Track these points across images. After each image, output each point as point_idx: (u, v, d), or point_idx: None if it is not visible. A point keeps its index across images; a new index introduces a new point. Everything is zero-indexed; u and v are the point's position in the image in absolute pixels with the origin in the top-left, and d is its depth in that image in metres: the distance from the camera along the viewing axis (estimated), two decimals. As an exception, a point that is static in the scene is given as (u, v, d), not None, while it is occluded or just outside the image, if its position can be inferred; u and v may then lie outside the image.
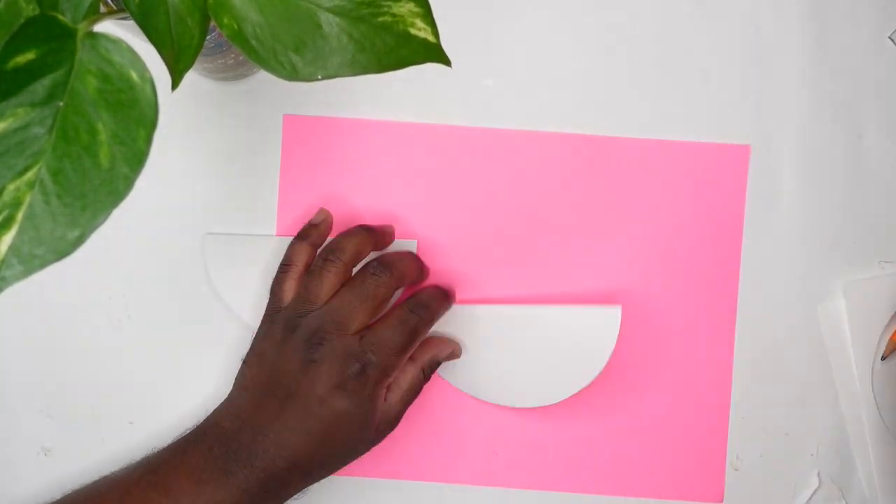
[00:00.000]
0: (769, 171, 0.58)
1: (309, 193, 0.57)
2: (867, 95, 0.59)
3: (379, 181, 0.58)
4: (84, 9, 0.34)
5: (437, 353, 0.54)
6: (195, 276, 0.57)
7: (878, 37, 0.59)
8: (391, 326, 0.50)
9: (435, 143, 0.58)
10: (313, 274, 0.52)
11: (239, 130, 0.58)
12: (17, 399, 0.57)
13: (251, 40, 0.34)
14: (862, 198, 0.59)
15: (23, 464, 0.57)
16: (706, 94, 0.58)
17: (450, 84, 0.58)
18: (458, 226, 0.58)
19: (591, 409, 0.58)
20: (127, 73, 0.33)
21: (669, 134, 0.58)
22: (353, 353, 0.49)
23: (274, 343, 0.51)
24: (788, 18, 0.58)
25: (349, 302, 0.50)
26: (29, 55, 0.32)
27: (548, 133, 0.58)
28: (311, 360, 0.49)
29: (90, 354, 0.57)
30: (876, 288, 0.58)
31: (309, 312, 0.50)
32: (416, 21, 0.35)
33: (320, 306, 0.50)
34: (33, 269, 0.32)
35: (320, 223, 0.55)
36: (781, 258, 0.59)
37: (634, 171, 0.58)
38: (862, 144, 0.59)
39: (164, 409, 0.57)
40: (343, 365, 0.49)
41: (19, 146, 0.32)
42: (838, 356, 0.58)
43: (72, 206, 0.32)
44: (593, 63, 0.58)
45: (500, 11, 0.58)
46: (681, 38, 0.58)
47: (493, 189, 0.58)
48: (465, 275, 0.58)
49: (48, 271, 0.32)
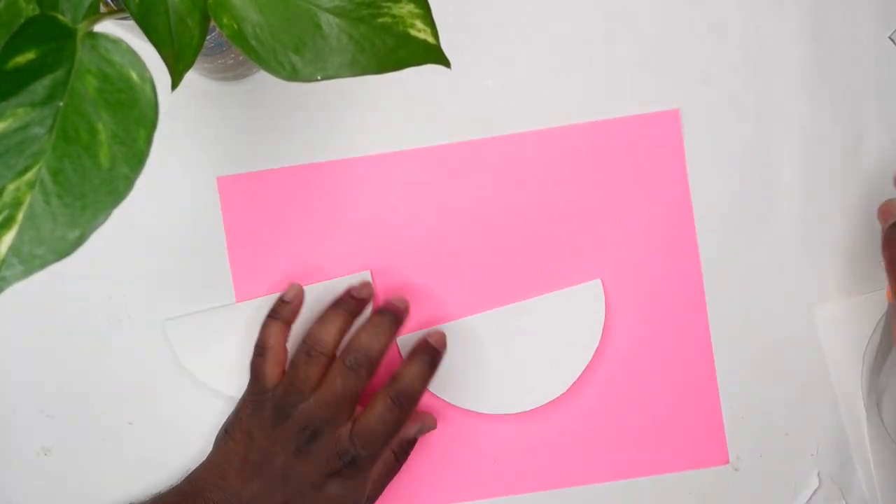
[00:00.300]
0: (769, 169, 0.59)
1: (260, 250, 0.57)
2: (867, 95, 0.59)
3: (324, 219, 0.58)
4: (84, 9, 0.34)
5: (406, 433, 0.56)
6: (195, 277, 0.57)
7: (878, 37, 0.59)
8: (379, 419, 0.52)
9: (367, 172, 0.58)
10: (298, 366, 0.53)
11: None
12: (17, 399, 0.57)
13: (251, 40, 0.34)
14: (862, 198, 0.59)
15: (23, 464, 0.57)
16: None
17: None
18: (412, 247, 0.58)
19: (585, 400, 0.58)
20: (127, 73, 0.33)
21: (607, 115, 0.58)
22: (344, 446, 0.51)
23: (263, 426, 0.53)
24: (788, 19, 0.59)
25: (337, 395, 0.52)
26: (29, 55, 0.32)
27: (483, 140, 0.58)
28: (305, 451, 0.51)
29: (90, 354, 0.57)
30: (868, 291, 0.58)
31: (299, 402, 0.52)
32: (416, 22, 0.35)
33: (308, 395, 0.52)
34: (33, 269, 0.32)
35: (292, 299, 0.55)
36: (781, 259, 0.59)
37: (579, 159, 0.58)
38: (862, 144, 0.59)
39: (163, 409, 0.57)
40: (336, 456, 0.51)
41: (19, 146, 0.32)
42: (837, 357, 0.58)
43: (72, 206, 0.32)
44: (593, 61, 0.58)
45: (499, 12, 0.58)
46: (681, 39, 0.58)
47: (441, 203, 0.58)
48: (431, 295, 0.58)
49: (48, 271, 0.32)
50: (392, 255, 0.58)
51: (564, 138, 0.58)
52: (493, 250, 0.58)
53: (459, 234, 0.58)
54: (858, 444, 0.58)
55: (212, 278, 0.57)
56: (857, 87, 0.59)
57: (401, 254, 0.58)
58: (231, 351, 0.57)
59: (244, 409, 0.54)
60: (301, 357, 0.54)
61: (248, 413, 0.54)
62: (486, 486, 0.58)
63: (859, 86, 0.59)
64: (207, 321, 0.57)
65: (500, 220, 0.58)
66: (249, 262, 0.57)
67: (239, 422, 0.54)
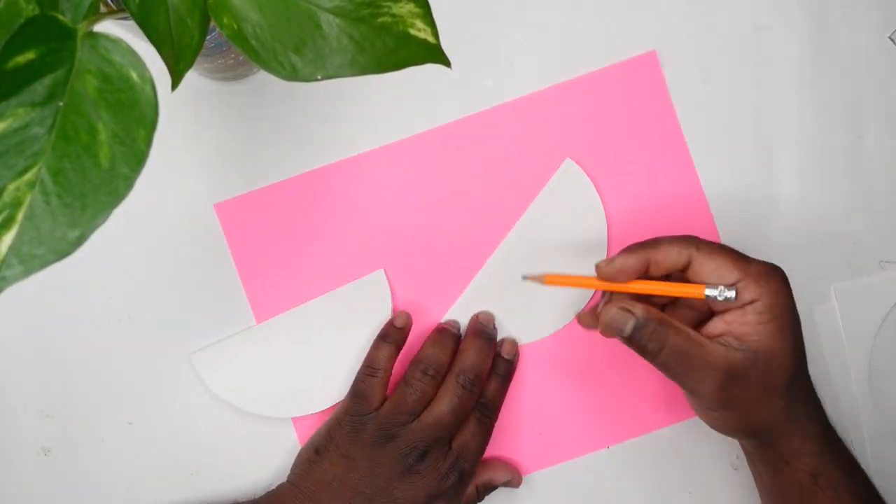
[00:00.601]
0: (769, 169, 0.59)
1: (269, 268, 0.57)
2: (867, 95, 0.59)
3: (328, 225, 0.58)
4: (84, 9, 0.34)
5: (494, 478, 0.56)
6: (194, 277, 0.57)
7: (878, 37, 0.59)
8: (476, 435, 0.54)
9: (364, 171, 0.58)
10: (413, 384, 0.54)
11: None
12: (17, 399, 0.57)
13: (251, 40, 0.34)
14: (862, 198, 0.59)
15: (23, 464, 0.57)
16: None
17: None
18: (420, 237, 0.58)
19: (584, 362, 0.58)
20: (127, 73, 0.33)
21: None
22: (452, 465, 0.53)
23: (364, 446, 0.53)
24: (788, 19, 0.59)
25: (447, 417, 0.53)
26: (29, 55, 0.32)
27: (471, 116, 0.58)
28: (413, 471, 0.53)
29: (90, 354, 0.57)
30: (868, 290, 0.58)
31: (406, 423, 0.53)
32: (416, 22, 0.35)
33: (416, 416, 0.53)
34: (33, 269, 0.32)
35: (403, 325, 0.56)
36: (780, 259, 0.58)
37: (570, 117, 0.58)
38: (862, 144, 0.59)
39: (163, 410, 0.57)
40: (445, 476, 0.53)
41: (19, 146, 0.32)
42: (836, 357, 0.58)
43: (72, 206, 0.32)
44: (594, 61, 0.58)
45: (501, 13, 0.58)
46: (681, 39, 0.58)
47: (442, 188, 0.58)
48: (446, 280, 0.58)
49: (48, 271, 0.32)
50: (402, 248, 0.58)
51: (550, 100, 0.58)
52: (499, 222, 0.58)
53: (464, 215, 0.58)
54: (858, 444, 0.58)
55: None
56: (857, 87, 0.59)
57: (410, 245, 0.58)
58: (263, 372, 0.57)
59: (340, 430, 0.54)
60: (417, 375, 0.54)
61: (345, 434, 0.54)
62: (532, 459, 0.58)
63: (859, 86, 0.59)
64: (233, 348, 0.57)
65: (502, 194, 0.58)
66: (261, 281, 0.57)
67: (334, 443, 0.54)
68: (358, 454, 0.53)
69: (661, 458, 0.58)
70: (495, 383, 0.56)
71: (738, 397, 0.46)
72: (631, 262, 0.47)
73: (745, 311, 0.46)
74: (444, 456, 0.53)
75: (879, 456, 0.58)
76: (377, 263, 0.58)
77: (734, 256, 0.47)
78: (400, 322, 0.56)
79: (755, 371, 0.45)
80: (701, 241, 0.48)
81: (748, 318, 0.46)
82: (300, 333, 0.57)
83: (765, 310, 0.46)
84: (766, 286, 0.46)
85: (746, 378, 0.46)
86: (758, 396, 0.46)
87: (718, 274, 0.46)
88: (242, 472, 0.58)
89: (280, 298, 0.57)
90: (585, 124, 0.58)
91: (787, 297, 0.47)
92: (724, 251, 0.47)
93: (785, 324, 0.46)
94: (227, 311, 0.57)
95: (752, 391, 0.46)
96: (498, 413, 0.56)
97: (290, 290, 0.57)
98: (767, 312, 0.45)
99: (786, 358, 0.46)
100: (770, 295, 0.46)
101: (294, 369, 0.57)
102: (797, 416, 0.47)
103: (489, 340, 0.56)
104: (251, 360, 0.57)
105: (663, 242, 0.47)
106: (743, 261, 0.47)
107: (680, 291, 0.47)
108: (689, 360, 0.46)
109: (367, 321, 0.57)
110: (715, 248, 0.47)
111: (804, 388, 0.48)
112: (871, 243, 0.59)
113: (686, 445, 0.56)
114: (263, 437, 0.57)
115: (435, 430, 0.53)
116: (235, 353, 0.57)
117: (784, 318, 0.46)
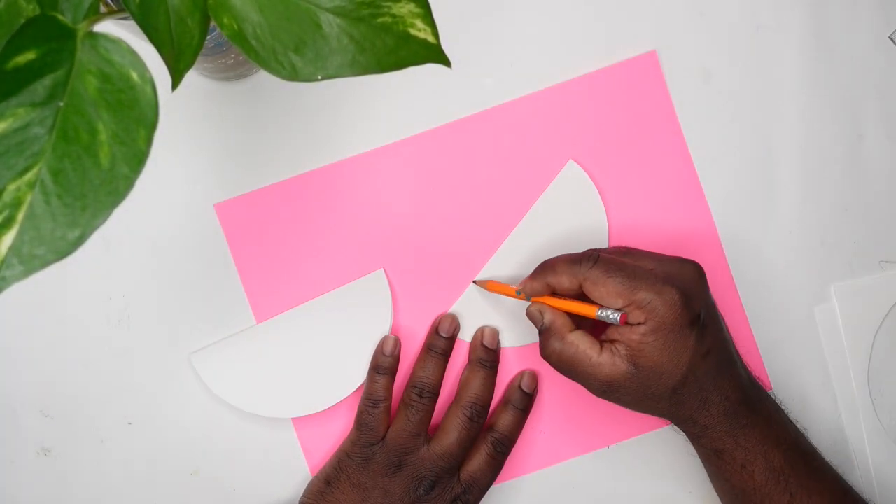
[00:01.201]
0: (769, 169, 0.59)
1: (270, 269, 0.57)
2: (867, 95, 0.59)
3: (327, 225, 0.58)
4: (84, 9, 0.34)
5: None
6: (194, 277, 0.57)
7: (878, 37, 0.59)
8: (486, 470, 0.56)
9: (363, 171, 0.58)
10: (412, 407, 0.55)
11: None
12: (17, 399, 0.57)
13: (251, 40, 0.34)
14: (862, 198, 0.59)
15: (23, 464, 0.57)
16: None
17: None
18: (419, 236, 0.58)
19: None
20: (127, 73, 0.33)
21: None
22: (458, 496, 0.55)
23: (376, 476, 0.55)
24: (788, 18, 0.59)
25: (455, 449, 0.55)
26: (29, 55, 0.32)
27: (461, 119, 0.58)
28: (422, 500, 0.54)
29: (90, 354, 0.57)
30: (868, 290, 0.58)
31: (415, 449, 0.55)
32: (417, 22, 0.35)
33: (423, 442, 0.55)
34: (34, 269, 0.32)
35: (392, 352, 0.57)
36: (780, 259, 0.59)
37: (571, 116, 0.58)
38: (862, 144, 0.59)
39: (163, 410, 0.57)
40: (451, 503, 0.55)
41: (20, 146, 0.32)
42: (836, 357, 0.58)
43: (72, 206, 0.32)
44: (594, 61, 0.58)
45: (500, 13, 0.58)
46: (681, 39, 0.58)
47: (442, 187, 0.58)
48: (446, 277, 0.58)
49: (48, 271, 0.32)
50: (402, 248, 0.58)
51: (550, 100, 0.58)
52: (499, 222, 0.58)
53: (464, 214, 0.58)
54: (858, 444, 0.58)
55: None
56: (857, 87, 0.59)
57: (410, 245, 0.58)
58: (263, 372, 0.57)
59: (349, 461, 0.55)
60: (414, 398, 0.55)
61: (355, 464, 0.55)
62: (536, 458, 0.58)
63: (859, 86, 0.59)
64: (233, 348, 0.57)
65: (502, 193, 0.58)
66: (261, 281, 0.57)
67: (345, 473, 0.55)
68: (370, 483, 0.54)
69: (661, 458, 0.58)
70: (513, 417, 0.57)
71: (620, 399, 0.52)
72: (536, 285, 0.53)
73: (632, 330, 0.50)
74: (451, 487, 0.55)
75: (879, 456, 0.58)
76: (377, 263, 0.58)
77: (622, 282, 0.50)
78: (388, 349, 0.57)
79: (635, 383, 0.50)
80: (595, 264, 0.51)
81: (634, 336, 0.50)
82: (300, 333, 0.57)
83: (648, 332, 0.49)
84: (650, 312, 0.49)
85: (627, 388, 0.50)
86: (639, 400, 0.51)
87: (606, 300, 0.50)
88: (242, 472, 0.58)
89: (280, 298, 0.57)
90: (585, 124, 0.58)
91: (675, 318, 0.49)
92: (613, 277, 0.50)
93: (666, 344, 0.49)
94: (227, 311, 0.57)
95: (633, 396, 0.51)
96: (512, 447, 0.57)
97: (290, 290, 0.57)
98: (651, 334, 0.49)
99: (667, 372, 0.50)
100: (654, 320, 0.49)
101: (294, 369, 0.57)
102: (684, 412, 0.51)
103: (493, 368, 0.57)
104: (251, 360, 0.57)
105: (559, 268, 0.52)
106: (630, 287, 0.50)
107: (576, 309, 0.52)
108: (576, 368, 0.51)
109: (367, 321, 0.57)
110: (603, 275, 0.50)
111: (692, 391, 0.50)
112: (871, 243, 0.59)
113: (686, 445, 0.56)
114: (263, 437, 0.57)
115: (443, 460, 0.54)
116: (235, 353, 0.57)
117: (666, 340, 0.49)
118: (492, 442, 0.56)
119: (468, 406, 0.55)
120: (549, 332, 0.52)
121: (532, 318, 0.54)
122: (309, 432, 0.57)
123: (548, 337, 0.52)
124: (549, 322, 0.52)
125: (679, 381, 0.50)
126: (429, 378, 0.56)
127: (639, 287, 0.49)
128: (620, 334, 0.50)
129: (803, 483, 0.51)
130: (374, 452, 0.55)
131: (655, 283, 0.49)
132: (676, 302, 0.49)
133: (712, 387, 0.50)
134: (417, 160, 0.58)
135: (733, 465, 0.51)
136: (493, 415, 0.57)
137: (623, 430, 0.58)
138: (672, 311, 0.49)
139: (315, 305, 0.57)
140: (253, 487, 0.58)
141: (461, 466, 0.55)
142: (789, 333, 0.59)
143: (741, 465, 0.51)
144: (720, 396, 0.50)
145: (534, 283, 0.53)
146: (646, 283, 0.49)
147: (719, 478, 0.53)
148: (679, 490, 0.58)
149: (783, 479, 0.51)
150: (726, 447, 0.51)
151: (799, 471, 0.51)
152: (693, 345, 0.50)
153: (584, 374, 0.51)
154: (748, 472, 0.51)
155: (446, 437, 0.55)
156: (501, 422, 0.56)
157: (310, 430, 0.57)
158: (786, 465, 0.51)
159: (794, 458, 0.51)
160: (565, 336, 0.52)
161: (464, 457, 0.55)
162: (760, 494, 0.51)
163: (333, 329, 0.57)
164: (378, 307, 0.57)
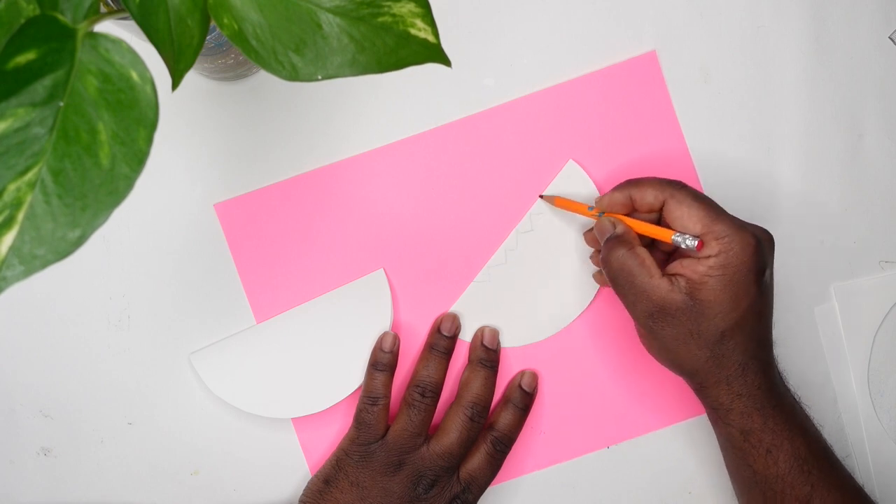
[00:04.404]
0: (769, 170, 0.59)
1: (270, 269, 0.57)
2: (867, 95, 0.59)
3: (327, 225, 0.58)
4: (84, 9, 0.34)
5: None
6: (194, 277, 0.57)
7: (878, 37, 0.59)
8: (485, 469, 0.56)
9: (362, 171, 0.58)
10: (414, 406, 0.55)
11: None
12: (17, 399, 0.57)
13: (251, 40, 0.34)
14: (862, 198, 0.59)
15: (23, 464, 0.57)
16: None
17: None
18: (419, 235, 0.58)
19: (585, 363, 0.58)
20: (127, 73, 0.33)
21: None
22: (458, 495, 0.55)
23: (375, 474, 0.54)
24: (788, 18, 0.59)
25: (455, 448, 0.55)
26: (29, 55, 0.32)
27: (462, 119, 0.58)
28: (422, 499, 0.54)
29: (90, 354, 0.57)
30: (868, 290, 0.58)
31: (414, 448, 0.55)
32: (417, 21, 0.35)
33: (423, 442, 0.55)
34: (34, 270, 0.32)
35: (391, 349, 0.56)
36: (780, 259, 0.59)
37: (570, 116, 0.58)
38: (862, 144, 0.59)
39: (163, 410, 0.57)
40: (450, 502, 0.55)
41: (20, 146, 0.32)
42: (836, 357, 0.58)
43: (72, 206, 0.32)
44: (595, 60, 0.58)
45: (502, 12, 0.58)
46: (681, 39, 0.58)
47: (441, 188, 0.58)
48: (446, 276, 0.58)
49: (48, 271, 0.32)
50: (402, 248, 0.58)
51: (550, 100, 0.58)
52: (499, 222, 0.58)
53: (464, 214, 0.58)
54: (858, 444, 0.58)
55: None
56: (857, 87, 0.59)
57: (410, 245, 0.58)
58: (263, 372, 0.57)
59: (348, 460, 0.55)
60: (416, 397, 0.55)
61: (353, 463, 0.55)
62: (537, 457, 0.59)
63: (859, 86, 0.59)
64: (233, 348, 0.57)
65: (502, 193, 0.58)
66: (261, 281, 0.57)
67: (343, 472, 0.55)
68: (369, 482, 0.54)
69: (661, 458, 0.58)
70: (513, 416, 0.56)
71: (663, 330, 0.50)
72: (617, 196, 0.52)
73: (700, 262, 0.49)
74: (451, 485, 0.55)
75: (879, 456, 0.58)
76: (377, 263, 0.58)
77: (706, 210, 0.49)
78: (387, 345, 0.56)
79: (685, 316, 0.49)
80: (683, 188, 0.50)
81: (700, 268, 0.49)
82: (300, 333, 0.57)
83: (716, 266, 0.48)
84: (725, 246, 0.48)
85: (675, 318, 0.49)
86: (683, 338, 0.49)
87: (685, 223, 0.50)
88: (242, 472, 0.58)
89: (280, 298, 0.57)
90: (585, 124, 0.58)
91: (746, 260, 0.49)
92: (699, 203, 0.50)
93: (730, 283, 0.48)
94: (227, 311, 0.57)
95: (678, 330, 0.49)
96: (511, 446, 0.56)
97: (290, 290, 0.57)
98: (719, 269, 0.48)
99: (719, 314, 0.49)
100: (727, 255, 0.48)
101: (294, 369, 0.57)
102: (723, 372, 0.50)
103: (493, 368, 0.57)
104: (251, 360, 0.57)
105: (646, 183, 0.51)
106: (713, 216, 0.49)
107: (651, 231, 0.51)
108: (632, 281, 0.50)
109: (367, 321, 0.57)
110: (690, 198, 0.50)
111: (737, 348, 0.49)
112: (871, 243, 0.59)
113: (686, 445, 0.57)
114: (263, 437, 0.57)
115: (443, 459, 0.54)
116: (235, 353, 0.57)
117: (732, 279, 0.48)
118: (491, 441, 0.56)
119: (469, 406, 0.55)
120: (619, 239, 0.51)
121: (601, 229, 0.52)
122: (309, 432, 0.57)
123: (615, 244, 0.51)
124: (622, 231, 0.51)
125: (731, 326, 0.49)
126: (431, 377, 0.56)
127: (720, 219, 0.49)
128: (684, 267, 0.49)
129: (825, 476, 0.50)
130: (374, 451, 0.55)
131: (735, 222, 0.49)
132: (751, 245, 0.49)
133: (753, 354, 0.50)
134: (417, 160, 0.58)
135: (759, 449, 0.50)
136: (493, 414, 0.57)
137: (623, 430, 0.58)
138: (745, 253, 0.48)
139: (315, 305, 0.57)
140: (253, 487, 0.58)
141: (460, 465, 0.55)
142: (789, 333, 0.59)
143: (767, 450, 0.50)
144: (758, 367, 0.50)
145: (615, 194, 0.52)
146: (728, 219, 0.49)
147: (742, 464, 0.51)
148: (679, 490, 0.58)
149: (806, 469, 0.50)
150: (754, 427, 0.50)
151: (821, 464, 0.50)
152: (754, 296, 0.49)
153: (639, 289, 0.49)
154: (773, 458, 0.50)
155: (447, 437, 0.55)
156: (501, 421, 0.56)
157: (309, 430, 0.57)
158: (810, 456, 0.50)
159: (817, 451, 0.51)
160: (634, 246, 0.50)
161: (464, 456, 0.55)
162: (782, 483, 0.50)
163: (333, 329, 0.57)
164: (378, 307, 0.57)
